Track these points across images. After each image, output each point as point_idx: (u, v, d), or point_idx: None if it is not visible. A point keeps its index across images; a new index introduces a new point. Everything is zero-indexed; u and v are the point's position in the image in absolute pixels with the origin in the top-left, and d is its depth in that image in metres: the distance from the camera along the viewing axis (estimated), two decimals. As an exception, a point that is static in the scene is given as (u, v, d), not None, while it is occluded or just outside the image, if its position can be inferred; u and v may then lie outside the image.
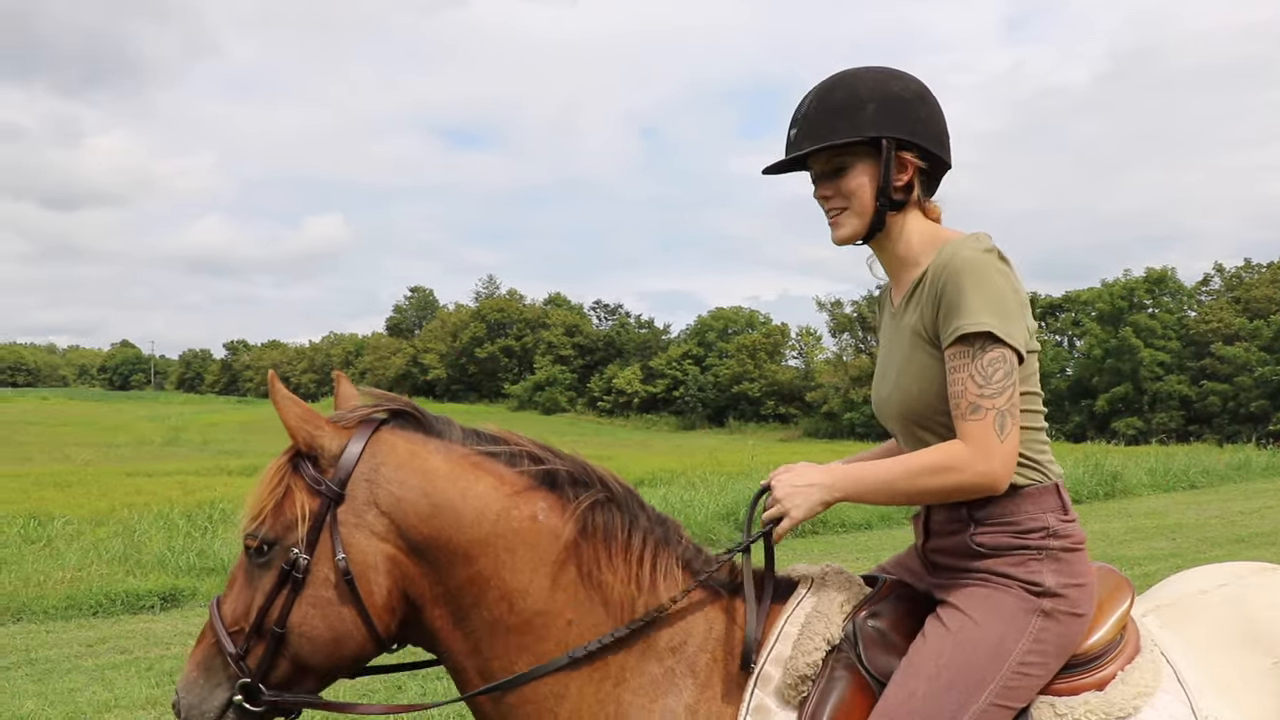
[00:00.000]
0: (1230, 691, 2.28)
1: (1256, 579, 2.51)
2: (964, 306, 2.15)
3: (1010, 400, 2.15)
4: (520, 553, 2.23)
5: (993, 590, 2.22)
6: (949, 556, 2.32)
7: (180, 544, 12.42)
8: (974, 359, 2.15)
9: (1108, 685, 2.24)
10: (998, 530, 2.24)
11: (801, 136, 2.32)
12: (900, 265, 2.39)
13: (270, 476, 2.26)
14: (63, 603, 10.03)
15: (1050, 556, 2.22)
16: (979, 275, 2.16)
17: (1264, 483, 22.20)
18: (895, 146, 2.29)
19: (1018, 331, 2.16)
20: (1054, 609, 2.19)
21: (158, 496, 19.18)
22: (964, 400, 2.16)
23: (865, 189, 2.31)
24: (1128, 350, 59.07)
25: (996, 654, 2.15)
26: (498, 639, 2.23)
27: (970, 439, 2.15)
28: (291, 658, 2.23)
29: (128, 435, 55.98)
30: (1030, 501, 2.25)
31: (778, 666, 2.20)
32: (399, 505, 2.22)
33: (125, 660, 8.09)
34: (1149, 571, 10.62)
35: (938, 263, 2.23)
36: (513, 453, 2.33)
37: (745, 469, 22.17)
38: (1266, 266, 63.77)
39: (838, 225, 2.35)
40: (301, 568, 2.19)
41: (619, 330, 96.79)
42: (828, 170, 2.34)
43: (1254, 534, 13.78)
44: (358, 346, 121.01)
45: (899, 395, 2.33)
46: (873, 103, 2.29)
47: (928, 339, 2.25)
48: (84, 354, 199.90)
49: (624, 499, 2.35)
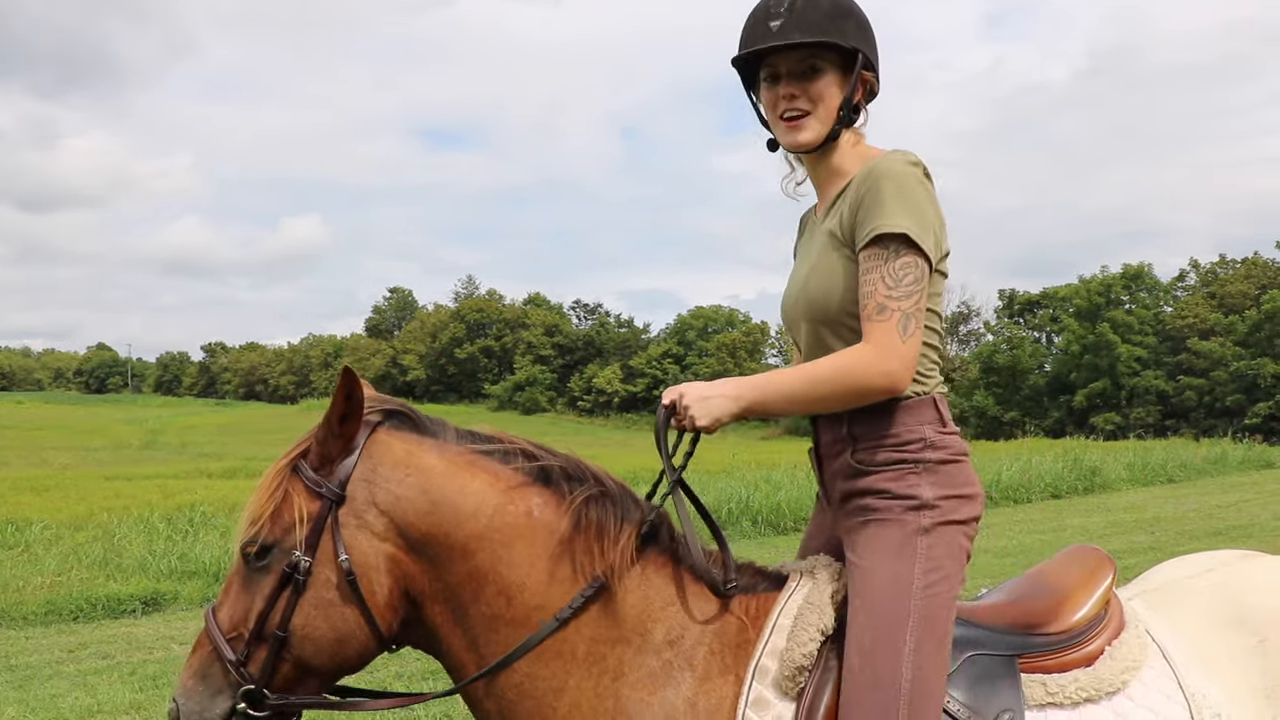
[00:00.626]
0: (1217, 669, 2.32)
1: (1242, 564, 2.56)
2: (883, 209, 2.20)
3: (916, 304, 2.19)
4: (517, 547, 2.25)
5: (875, 527, 2.25)
6: (839, 481, 2.35)
7: (161, 547, 12.36)
8: (887, 261, 2.20)
9: (1095, 661, 2.28)
10: (875, 445, 2.28)
11: (791, 27, 2.31)
12: (831, 176, 2.44)
13: (269, 481, 2.26)
14: (42, 608, 9.96)
15: (928, 469, 2.26)
16: (901, 183, 2.22)
17: (1240, 476, 22.44)
18: (863, 64, 2.36)
19: (930, 240, 2.21)
20: (934, 523, 2.23)
21: (137, 500, 19.02)
22: (872, 301, 2.20)
23: (833, 97, 2.35)
24: (1105, 346, 59.47)
25: (897, 591, 2.18)
26: (496, 633, 2.25)
27: (873, 338, 2.19)
28: (294, 661, 2.23)
29: (105, 439, 55.58)
30: (907, 414, 2.28)
31: (774, 659, 2.21)
32: (398, 504, 2.24)
33: (107, 665, 8.05)
34: (1129, 565, 10.69)
35: (864, 169, 2.28)
36: (507, 450, 2.36)
37: (726, 467, 22.20)
38: (1241, 262, 64.36)
39: (800, 128, 2.36)
40: (303, 570, 2.19)
41: (599, 330, 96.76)
42: (798, 70, 2.35)
43: (1231, 527, 13.92)
44: (336, 348, 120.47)
45: (807, 296, 2.38)
46: (854, 18, 2.36)
47: (843, 240, 2.30)
48: (60, 357, 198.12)
49: (618, 494, 2.37)
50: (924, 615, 2.17)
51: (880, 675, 2.12)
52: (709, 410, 2.26)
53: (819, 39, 2.30)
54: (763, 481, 17.83)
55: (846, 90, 2.35)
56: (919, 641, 2.15)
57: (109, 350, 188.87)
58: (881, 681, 2.12)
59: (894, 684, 2.12)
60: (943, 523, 2.24)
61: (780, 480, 17.93)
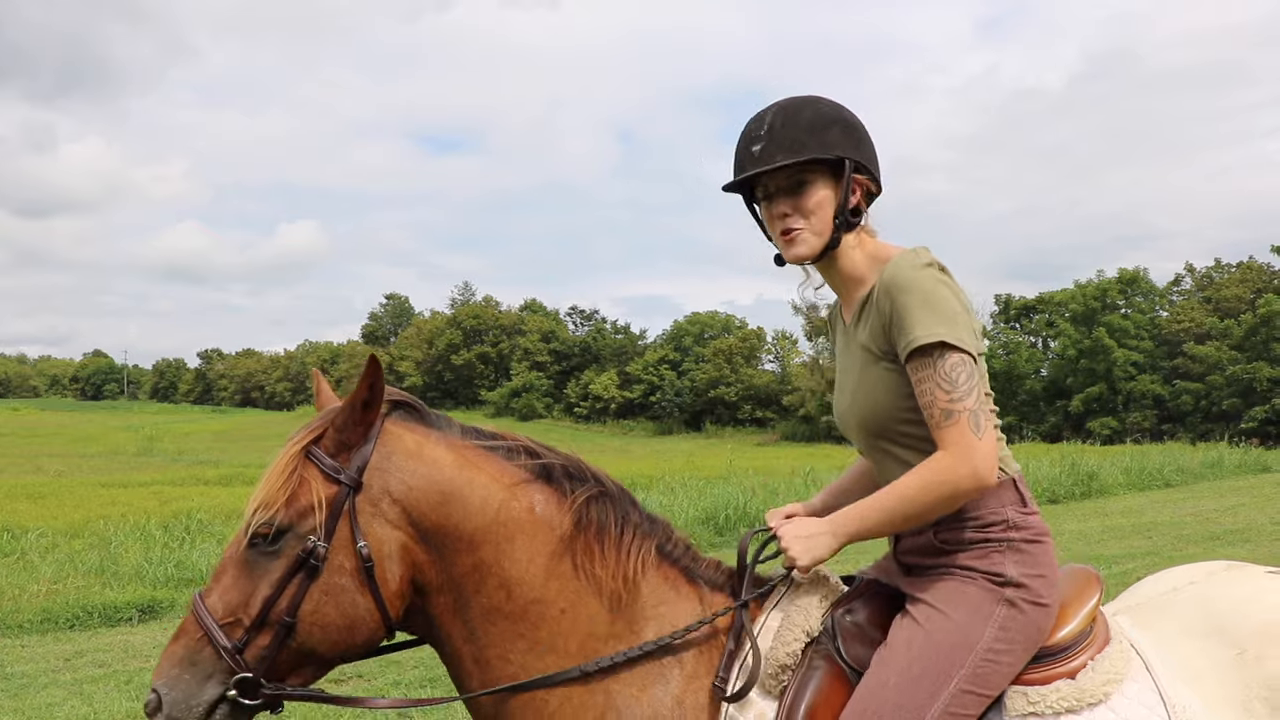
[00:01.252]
0: (1199, 681, 2.35)
1: (1224, 575, 2.60)
2: (912, 321, 2.22)
3: (979, 400, 2.22)
4: (519, 542, 2.30)
5: (959, 583, 2.29)
6: (917, 556, 2.39)
7: (158, 555, 12.33)
8: (936, 368, 2.21)
9: (1079, 674, 2.31)
10: (959, 526, 2.32)
11: (773, 150, 2.35)
12: (847, 283, 2.46)
13: (283, 465, 2.26)
14: (38, 616, 9.94)
15: (1011, 548, 2.29)
16: (920, 290, 2.23)
17: (1237, 480, 22.45)
18: (853, 169, 2.37)
19: (967, 336, 2.24)
20: (1017, 598, 2.26)
21: (133, 507, 19.00)
22: (936, 409, 2.22)
23: (825, 207, 2.37)
24: (1101, 350, 59.55)
25: (963, 643, 2.21)
26: (494, 625, 2.29)
27: (949, 444, 2.21)
28: (298, 648, 2.23)
29: (101, 446, 55.49)
30: (989, 496, 2.31)
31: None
32: (411, 494, 2.28)
33: (103, 674, 8.03)
34: (1126, 570, 10.70)
35: (881, 281, 2.30)
36: (510, 447, 2.41)
37: (723, 473, 22.22)
38: (1236, 266, 64.45)
39: (795, 242, 2.39)
40: (318, 556, 2.20)
41: (595, 336, 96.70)
42: (786, 186, 2.39)
43: (1228, 531, 13.93)
44: (333, 354, 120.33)
45: (857, 410, 2.42)
46: (836, 125, 2.38)
47: (879, 354, 2.33)
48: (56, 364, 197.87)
49: (617, 495, 2.43)
50: (977, 674, 2.20)
51: (912, 702, 2.16)
52: (810, 550, 2.31)
53: (796, 158, 2.33)
54: (760, 487, 17.85)
55: (839, 198, 2.37)
56: (961, 694, 2.18)
57: (105, 357, 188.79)
58: (910, 707, 2.16)
59: (919, 715, 2.15)
60: (1028, 602, 2.27)
61: (778, 486, 17.96)
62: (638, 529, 2.41)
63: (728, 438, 69.81)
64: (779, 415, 76.80)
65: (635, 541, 2.38)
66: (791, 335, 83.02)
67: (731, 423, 79.92)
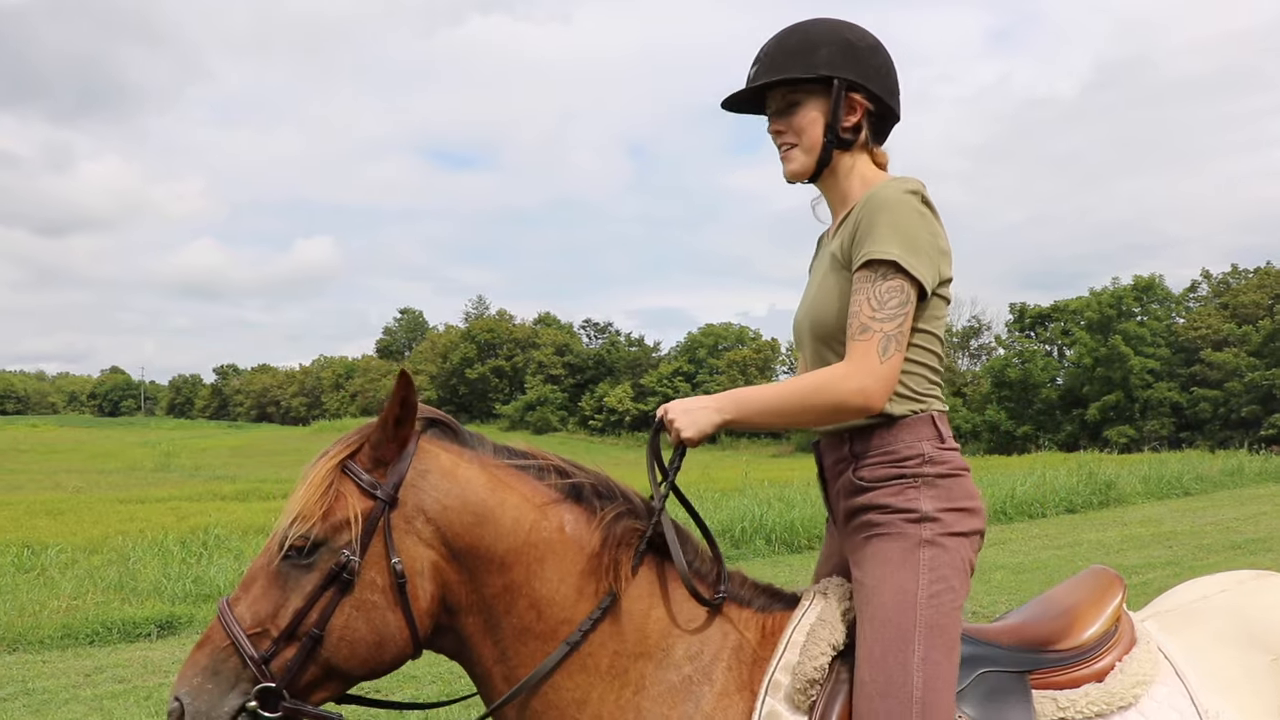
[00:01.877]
0: (1232, 689, 2.34)
1: (1254, 583, 2.58)
2: (875, 236, 2.27)
3: (899, 327, 2.25)
4: (549, 562, 2.30)
5: (878, 541, 2.30)
6: (842, 499, 2.41)
7: (175, 570, 12.36)
8: (874, 284, 2.26)
9: (1107, 676, 2.30)
10: (876, 462, 2.34)
11: (760, 72, 2.45)
12: (840, 203, 2.51)
13: (320, 478, 2.26)
14: (58, 632, 9.97)
15: (927, 483, 2.31)
16: (895, 210, 2.28)
17: (1257, 488, 22.31)
18: (845, 87, 2.41)
19: (925, 268, 2.27)
20: (935, 535, 2.27)
21: (151, 523, 19.06)
22: (856, 320, 2.27)
23: (815, 126, 2.43)
24: (1118, 358, 59.31)
25: (902, 602, 2.22)
26: (525, 646, 2.29)
27: (853, 357, 2.26)
28: (324, 662, 2.22)
29: (119, 462, 55.78)
30: (906, 431, 2.34)
31: (787, 673, 2.26)
32: (445, 513, 2.28)
33: (123, 689, 8.05)
34: (1147, 580, 10.65)
35: (865, 197, 2.35)
36: (541, 466, 2.42)
37: (739, 485, 22.15)
38: (1253, 272, 64.16)
39: (787, 160, 2.48)
40: (351, 570, 2.21)
41: (609, 348, 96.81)
42: (782, 107, 2.46)
43: (1250, 540, 13.84)
44: (348, 369, 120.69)
45: (811, 314, 2.46)
46: (826, 46, 2.42)
47: (842, 263, 2.37)
48: (73, 380, 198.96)
49: (644, 513, 2.42)
50: (930, 624, 2.21)
51: (891, 683, 2.16)
52: (694, 422, 2.34)
53: (779, 77, 2.40)
54: (776, 499, 17.79)
55: (828, 116, 2.41)
56: (927, 650, 2.18)
57: (122, 373, 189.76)
58: (893, 689, 2.15)
59: (905, 691, 2.15)
60: (945, 534, 2.28)
61: (794, 498, 17.89)
62: None
63: (743, 449, 69.68)
64: (794, 426, 76.68)
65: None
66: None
67: (747, 434, 79.81)
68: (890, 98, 2.47)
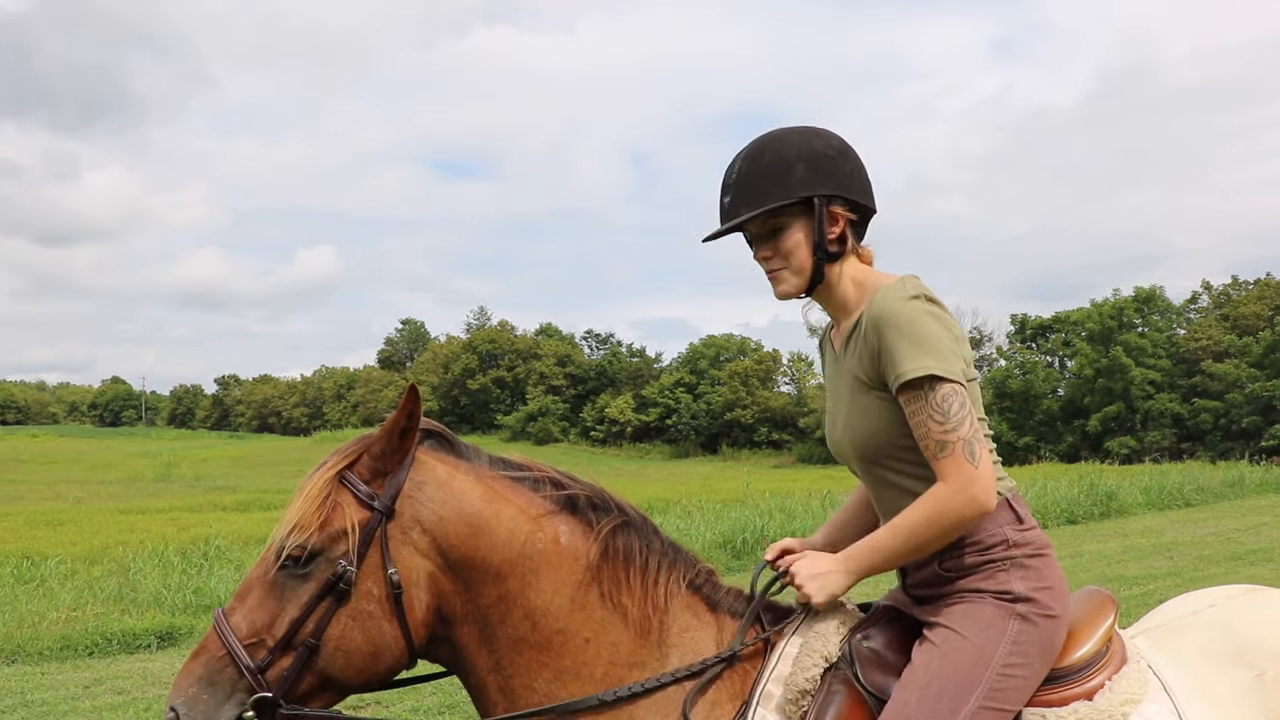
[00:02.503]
0: (1218, 705, 2.35)
1: (1243, 598, 2.60)
2: (900, 356, 2.26)
3: (972, 428, 2.25)
4: (544, 574, 2.32)
5: (971, 604, 2.31)
6: (925, 588, 2.41)
7: (176, 581, 12.36)
8: (928, 400, 2.25)
9: (1096, 695, 2.31)
10: (960, 553, 2.34)
11: (738, 203, 2.40)
12: (839, 310, 2.50)
13: (317, 489, 2.27)
14: (58, 643, 9.95)
15: (1015, 565, 2.31)
16: (906, 323, 2.26)
17: (1258, 499, 22.26)
18: (826, 202, 2.39)
19: (955, 365, 2.26)
20: (1028, 612, 2.28)
21: (151, 534, 19.07)
22: (931, 440, 2.26)
23: (802, 247, 2.40)
24: (1119, 369, 59.32)
25: (980, 660, 2.23)
26: (520, 656, 2.31)
27: (947, 475, 2.25)
28: (320, 672, 2.24)
29: (119, 472, 55.75)
30: (985, 519, 2.32)
31: (779, 684, 2.29)
32: (442, 524, 2.30)
33: (123, 701, 8.03)
34: (1148, 590, 10.62)
35: (869, 313, 2.33)
36: (536, 478, 2.44)
37: (740, 496, 22.14)
38: (1254, 283, 64.20)
39: (779, 281, 2.45)
40: (348, 580, 2.22)
41: (611, 359, 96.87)
42: (764, 232, 2.43)
43: (1250, 551, 13.81)
44: (349, 380, 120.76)
45: (849, 437, 2.44)
46: (800, 162, 2.39)
47: (869, 383, 2.36)
48: (74, 390, 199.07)
49: (640, 524, 2.46)
50: (995, 689, 2.22)
51: (934, 718, 2.17)
52: (823, 587, 2.35)
53: (758, 210, 2.37)
54: (778, 510, 17.79)
55: (815, 234, 2.39)
56: (981, 710, 2.20)
57: (123, 384, 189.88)
58: None
59: None
60: (1039, 614, 2.29)
61: (795, 509, 17.89)
62: (663, 558, 2.43)
63: (744, 460, 69.68)
64: (795, 437, 76.68)
65: (661, 570, 2.41)
66: (808, 357, 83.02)
67: (748, 445, 79.82)
68: (868, 199, 2.45)
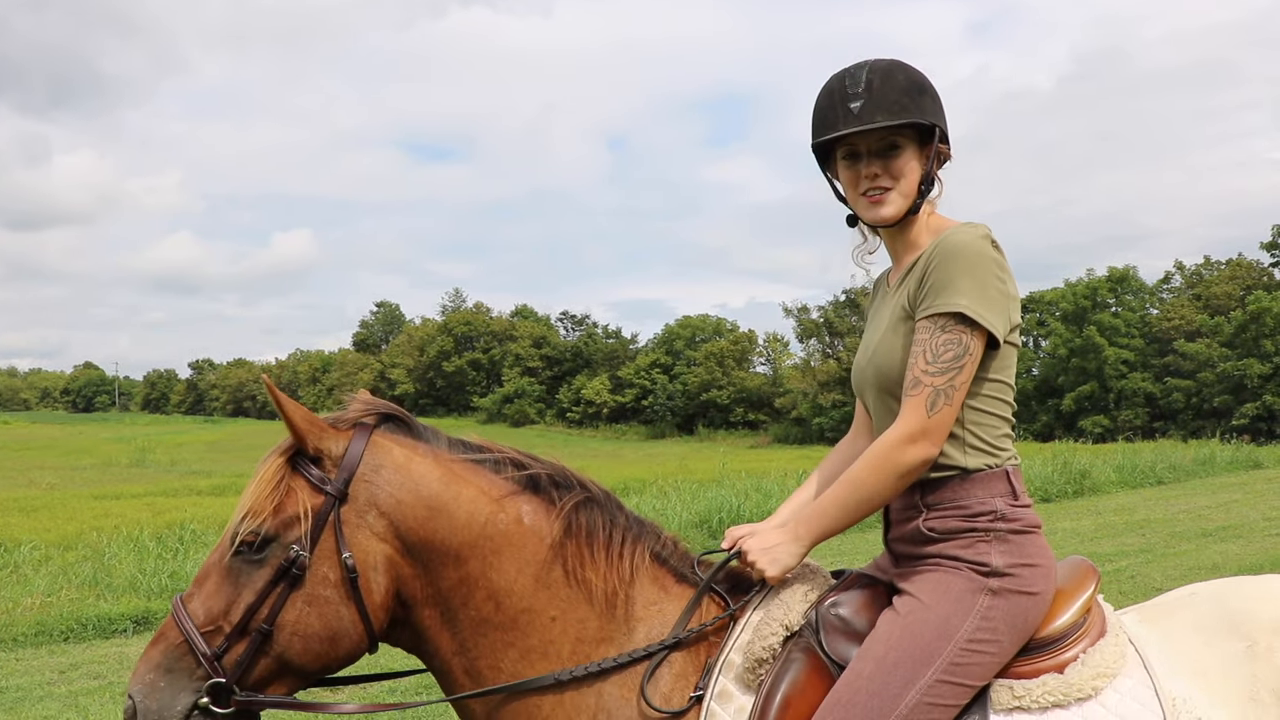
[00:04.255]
0: (1205, 676, 2.33)
1: (1242, 579, 2.59)
2: (947, 286, 2.24)
3: (951, 381, 2.23)
4: (506, 554, 2.32)
5: (943, 574, 2.29)
6: (906, 544, 2.40)
7: (151, 566, 12.28)
8: (932, 336, 2.24)
9: (1068, 667, 2.29)
10: (947, 514, 2.32)
11: (873, 109, 2.32)
12: (906, 248, 2.47)
13: (269, 474, 2.28)
14: (32, 629, 9.90)
15: (998, 538, 2.29)
16: (969, 258, 2.25)
17: (1229, 477, 22.51)
18: (940, 138, 2.39)
19: (996, 317, 2.24)
20: (1002, 588, 2.25)
21: (126, 519, 18.91)
22: (911, 373, 2.27)
23: (915, 172, 2.38)
24: (1092, 349, 59.66)
25: (942, 632, 2.21)
26: (484, 637, 2.31)
27: (903, 414, 2.27)
28: (277, 657, 2.23)
29: (93, 458, 55.28)
30: (980, 486, 2.32)
31: (740, 653, 2.29)
32: (399, 508, 2.29)
33: (99, 686, 8.00)
34: (1120, 567, 10.74)
35: (939, 243, 2.30)
36: (497, 459, 2.43)
37: (716, 476, 22.17)
38: (1225, 263, 64.65)
39: (883, 203, 2.38)
40: (302, 565, 2.22)
41: (586, 341, 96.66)
42: (878, 148, 2.37)
43: (1221, 527, 13.97)
44: (324, 363, 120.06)
45: (876, 363, 2.42)
46: (928, 92, 2.38)
47: (909, 313, 2.33)
48: (46, 376, 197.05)
49: (603, 500, 2.46)
50: (956, 663, 2.20)
51: (886, 690, 2.16)
52: (775, 560, 2.35)
53: (901, 120, 2.32)
54: (753, 490, 17.83)
55: (925, 165, 2.38)
56: (938, 683, 2.18)
57: (96, 369, 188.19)
58: (884, 695, 2.15)
59: (894, 703, 2.15)
60: (1013, 590, 2.26)
61: (770, 489, 17.94)
62: (627, 532, 2.43)
63: (720, 441, 69.74)
64: (771, 418, 76.82)
65: (626, 545, 2.41)
66: (783, 338, 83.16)
67: (724, 426, 79.90)
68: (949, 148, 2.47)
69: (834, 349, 71.61)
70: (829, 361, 70.71)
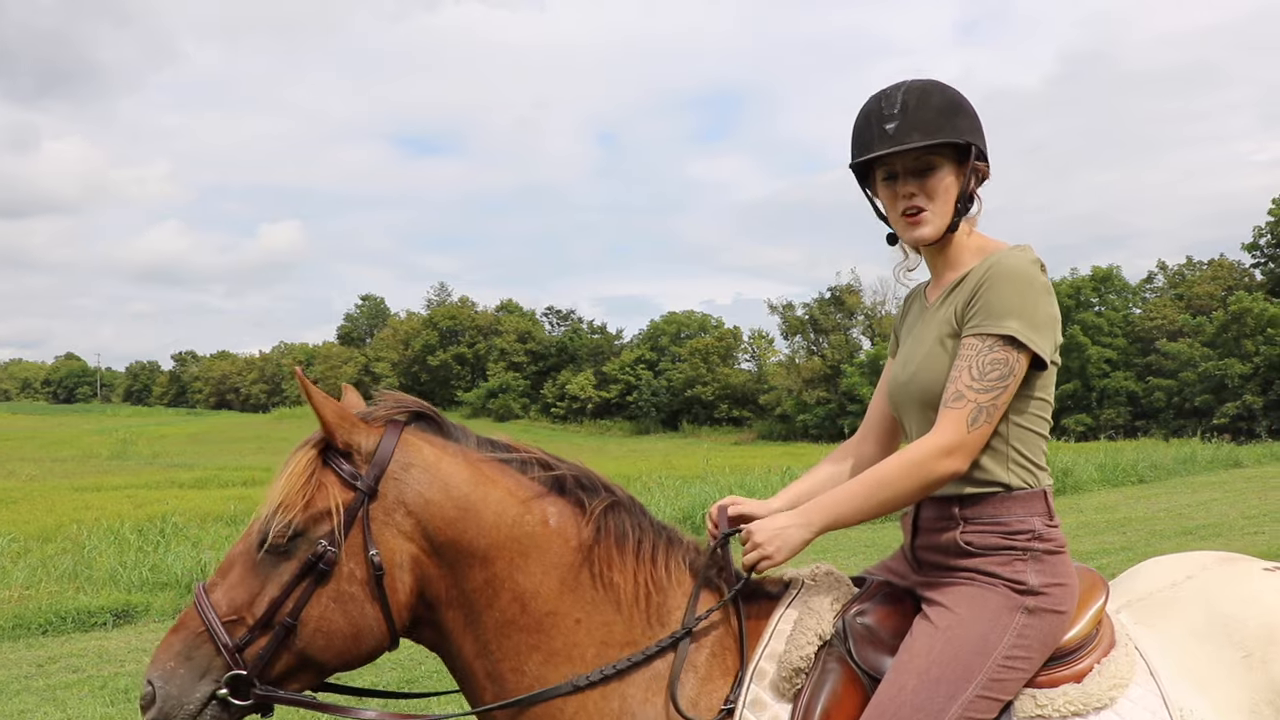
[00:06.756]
0: (1205, 686, 2.37)
1: (1220, 569, 2.60)
2: (998, 308, 2.25)
3: (994, 400, 2.24)
4: (533, 556, 2.31)
5: (979, 589, 2.30)
6: (937, 554, 2.39)
7: (132, 559, 12.23)
8: (980, 354, 2.25)
9: (1085, 677, 2.33)
10: (986, 530, 2.33)
11: (908, 129, 2.33)
12: (946, 266, 2.47)
13: (301, 467, 2.26)
14: (10, 622, 9.84)
15: (1034, 557, 2.31)
16: (1021, 282, 2.26)
17: (1209, 476, 22.63)
18: (976, 156, 2.39)
19: (1044, 340, 2.27)
20: (1037, 606, 2.28)
21: (107, 511, 18.81)
22: (953, 386, 2.26)
23: (951, 191, 2.39)
24: (1075, 348, 59.84)
25: (982, 649, 2.23)
26: (508, 639, 2.29)
27: (941, 424, 2.26)
28: (298, 652, 2.22)
29: (74, 449, 54.91)
30: (1020, 504, 2.33)
31: (772, 662, 2.29)
32: (427, 507, 2.28)
33: (78, 679, 7.96)
34: (1101, 565, 10.77)
35: (990, 265, 2.31)
36: (524, 460, 2.42)
37: (700, 472, 22.20)
38: (1208, 264, 64.99)
39: (920, 223, 2.39)
40: (329, 561, 2.20)
41: (572, 336, 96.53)
42: (914, 168, 2.38)
43: (1201, 526, 14.05)
44: (308, 356, 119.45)
45: (919, 380, 2.41)
46: (964, 111, 2.39)
47: (956, 331, 2.34)
48: (27, 367, 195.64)
49: (629, 504, 2.45)
50: (994, 679, 2.22)
51: (930, 704, 2.17)
52: (785, 544, 2.32)
53: (935, 140, 2.32)
54: (737, 486, 17.87)
55: (962, 183, 2.39)
56: (977, 699, 2.20)
57: (77, 360, 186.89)
58: (928, 709, 2.17)
59: (938, 718, 2.17)
60: (1046, 610, 2.29)
61: (754, 485, 17.96)
62: (656, 537, 2.43)
63: (704, 437, 69.82)
64: (755, 414, 76.87)
65: (653, 549, 2.40)
66: (768, 334, 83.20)
67: (708, 422, 79.94)
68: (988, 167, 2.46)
69: (819, 346, 71.67)
70: (813, 359, 70.79)
